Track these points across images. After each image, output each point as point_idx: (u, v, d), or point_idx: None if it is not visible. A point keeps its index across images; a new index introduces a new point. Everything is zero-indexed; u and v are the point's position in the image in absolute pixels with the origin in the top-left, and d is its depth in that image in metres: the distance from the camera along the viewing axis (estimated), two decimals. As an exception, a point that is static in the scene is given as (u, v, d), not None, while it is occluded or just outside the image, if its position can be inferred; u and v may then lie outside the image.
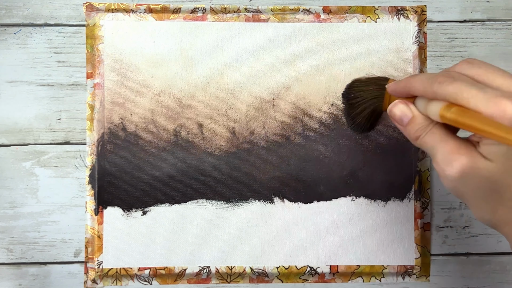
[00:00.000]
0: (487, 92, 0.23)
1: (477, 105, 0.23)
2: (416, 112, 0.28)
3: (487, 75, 0.25)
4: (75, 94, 0.41)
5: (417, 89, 0.27)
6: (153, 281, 0.39)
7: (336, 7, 0.41)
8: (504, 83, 0.24)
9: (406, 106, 0.28)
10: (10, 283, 0.40)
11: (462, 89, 0.24)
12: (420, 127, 0.27)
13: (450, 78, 0.25)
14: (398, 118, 0.29)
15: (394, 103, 0.29)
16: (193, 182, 0.40)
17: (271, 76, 0.40)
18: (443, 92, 0.25)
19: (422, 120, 0.27)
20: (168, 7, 0.40)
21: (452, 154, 0.24)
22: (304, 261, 0.40)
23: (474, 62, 0.26)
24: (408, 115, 0.28)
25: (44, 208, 0.40)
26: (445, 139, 0.26)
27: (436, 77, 0.25)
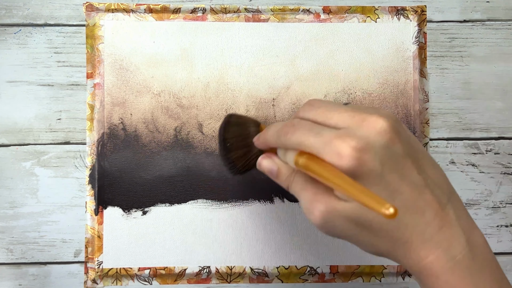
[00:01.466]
0: (323, 136, 0.23)
1: (319, 152, 0.23)
2: (280, 164, 0.28)
3: (325, 114, 0.24)
4: (75, 94, 0.41)
5: (271, 143, 0.27)
6: (153, 281, 0.39)
7: (336, 7, 0.41)
8: (339, 119, 0.24)
9: (270, 159, 0.28)
10: (10, 283, 0.40)
11: (303, 137, 0.24)
12: (286, 177, 0.27)
13: (292, 127, 0.25)
14: (268, 172, 0.29)
15: (261, 157, 0.29)
16: (193, 182, 0.40)
17: (271, 76, 0.40)
18: (290, 144, 0.25)
19: (286, 171, 0.27)
20: (168, 7, 0.40)
21: (311, 202, 0.24)
22: (304, 261, 0.40)
23: (315, 103, 0.26)
24: (274, 168, 0.28)
25: (44, 208, 0.40)
26: (304, 187, 0.25)
27: (282, 128, 0.26)
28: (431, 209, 0.23)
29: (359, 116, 0.23)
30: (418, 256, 0.23)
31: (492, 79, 0.42)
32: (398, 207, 0.23)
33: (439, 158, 0.41)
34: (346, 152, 0.22)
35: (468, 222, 0.25)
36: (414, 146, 0.25)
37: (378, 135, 0.22)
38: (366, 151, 0.22)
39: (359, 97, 0.40)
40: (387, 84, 0.40)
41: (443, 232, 0.23)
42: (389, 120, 0.23)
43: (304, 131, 0.24)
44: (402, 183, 0.23)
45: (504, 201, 0.41)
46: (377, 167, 0.22)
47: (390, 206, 0.19)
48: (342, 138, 0.22)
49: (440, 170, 0.26)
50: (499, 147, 0.42)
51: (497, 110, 0.42)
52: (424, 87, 0.41)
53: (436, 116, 0.42)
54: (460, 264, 0.23)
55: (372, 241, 0.24)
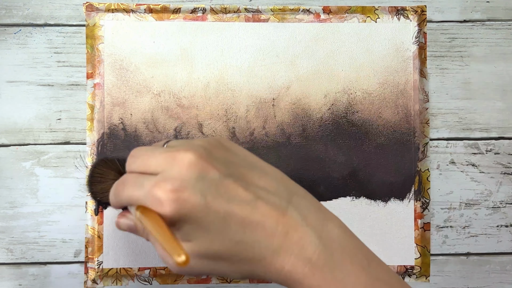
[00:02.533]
0: (144, 187, 0.23)
1: (146, 205, 0.23)
2: (134, 220, 0.27)
3: (145, 163, 0.24)
4: (75, 94, 0.41)
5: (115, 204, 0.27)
6: (153, 281, 0.39)
7: (336, 7, 0.41)
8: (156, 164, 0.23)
9: (125, 218, 0.27)
10: (10, 283, 0.40)
11: (130, 193, 0.23)
12: (142, 231, 0.27)
13: (122, 185, 0.24)
14: (128, 230, 0.28)
15: (117, 219, 0.28)
16: (193, 182, 0.40)
17: (271, 76, 0.40)
18: (124, 202, 0.24)
19: (140, 225, 0.27)
20: (168, 7, 0.40)
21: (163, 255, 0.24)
22: (304, 261, 0.40)
23: (135, 154, 0.25)
24: (131, 224, 0.27)
25: (44, 208, 0.40)
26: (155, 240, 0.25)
27: (115, 187, 0.25)
28: (270, 219, 0.23)
29: (170, 156, 0.23)
30: (276, 269, 0.23)
31: (492, 79, 0.42)
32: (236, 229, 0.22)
33: (439, 158, 0.41)
34: (165, 197, 0.22)
35: (317, 218, 0.24)
36: (236, 163, 0.24)
37: (189, 169, 0.22)
38: (182, 190, 0.22)
39: (359, 97, 0.40)
40: (387, 84, 0.40)
41: (290, 237, 0.23)
42: (196, 150, 0.23)
43: (130, 186, 0.24)
44: (231, 205, 0.22)
45: (504, 201, 0.41)
46: (199, 200, 0.22)
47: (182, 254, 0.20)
48: (158, 185, 0.22)
49: (274, 176, 0.25)
50: (499, 147, 0.42)
51: (497, 110, 0.42)
52: (424, 87, 0.41)
53: (436, 116, 0.42)
54: (318, 264, 0.23)
55: (232, 269, 0.24)
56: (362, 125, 0.40)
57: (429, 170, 0.41)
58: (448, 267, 0.41)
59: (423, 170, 0.40)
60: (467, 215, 0.41)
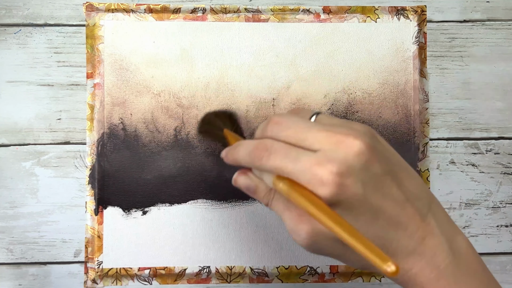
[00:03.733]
0: (301, 161, 0.22)
1: (299, 179, 0.22)
2: (256, 181, 0.27)
3: (298, 135, 0.24)
4: (75, 94, 0.41)
5: (244, 164, 0.26)
6: (153, 281, 0.39)
7: (336, 7, 0.41)
8: (314, 140, 0.23)
9: (245, 176, 0.27)
10: (10, 283, 0.40)
11: (280, 165, 0.23)
12: (264, 195, 0.27)
13: (266, 151, 0.24)
14: (245, 189, 0.28)
15: (236, 174, 0.28)
16: (193, 182, 0.40)
17: (271, 76, 0.40)
18: (266, 169, 0.24)
19: (264, 187, 0.27)
20: (168, 7, 0.40)
21: (296, 224, 0.24)
22: (304, 261, 0.40)
23: (282, 122, 0.25)
24: (251, 185, 0.27)
25: (44, 208, 0.40)
26: (287, 207, 0.25)
27: (254, 151, 0.25)
28: (413, 222, 0.23)
29: (335, 137, 0.23)
30: (403, 269, 0.24)
31: (492, 79, 0.42)
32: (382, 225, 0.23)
33: (439, 158, 0.41)
34: (328, 178, 0.21)
35: (450, 229, 0.25)
36: (392, 160, 0.24)
37: (356, 157, 0.22)
38: (347, 176, 0.22)
39: (359, 97, 0.40)
40: (387, 84, 0.40)
41: (426, 242, 0.24)
42: (365, 139, 0.23)
43: (279, 156, 0.23)
44: (384, 201, 0.23)
45: (504, 201, 0.41)
46: (360, 190, 0.22)
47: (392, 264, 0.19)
48: (322, 164, 0.22)
49: (418, 180, 0.26)
50: (499, 147, 0.42)
51: (497, 110, 0.42)
52: (424, 87, 0.41)
53: (436, 116, 0.42)
54: (444, 273, 0.23)
55: (358, 258, 0.24)
56: (362, 125, 0.40)
57: (429, 170, 0.41)
58: (448, 267, 0.41)
59: (423, 170, 0.40)
60: (467, 215, 0.41)
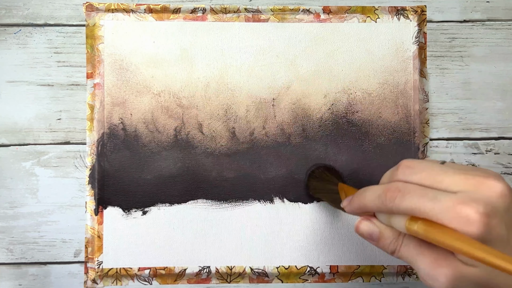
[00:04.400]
0: (442, 201, 0.22)
1: (438, 219, 0.22)
2: (382, 227, 0.26)
3: (433, 178, 0.23)
4: (75, 94, 0.41)
5: (371, 208, 0.26)
6: (153, 281, 0.39)
7: (336, 7, 0.41)
8: (451, 183, 0.23)
9: (369, 223, 0.27)
10: (10, 283, 0.40)
11: (416, 205, 0.23)
12: (391, 241, 0.26)
13: (398, 192, 0.24)
14: (368, 236, 0.27)
15: (359, 221, 0.28)
16: (193, 182, 0.40)
17: (271, 76, 0.40)
18: (398, 210, 0.24)
19: (391, 234, 0.26)
20: (168, 7, 0.40)
21: (433, 268, 0.23)
22: (304, 261, 0.40)
23: (414, 166, 0.24)
24: (375, 231, 0.27)
25: (44, 208, 0.40)
26: (420, 252, 0.24)
27: (384, 193, 0.24)
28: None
29: (474, 179, 0.22)
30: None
31: (492, 79, 0.42)
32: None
33: (439, 158, 0.41)
34: (475, 217, 0.21)
35: None
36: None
37: (500, 198, 0.22)
38: (493, 216, 0.21)
39: (359, 97, 0.40)
40: (387, 84, 0.40)
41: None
42: (504, 182, 0.22)
43: (415, 195, 0.23)
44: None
45: (504, 201, 0.41)
46: (504, 232, 0.22)
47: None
48: (467, 203, 0.21)
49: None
50: (499, 147, 0.42)
51: (497, 110, 0.42)
52: (424, 87, 0.41)
53: (436, 116, 0.42)
54: None
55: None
56: (362, 125, 0.40)
57: (429, 170, 0.41)
58: (448, 267, 0.41)
59: (423, 170, 0.40)
60: (467, 215, 0.41)
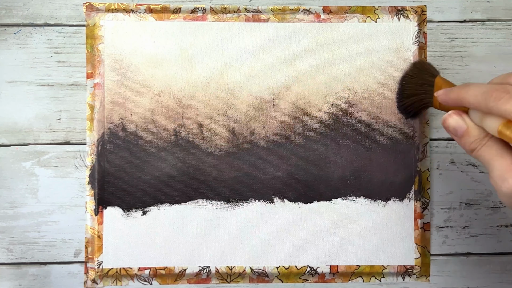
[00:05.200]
0: None
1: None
2: (471, 124, 0.27)
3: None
4: (75, 94, 0.41)
5: (470, 103, 0.26)
6: (153, 281, 0.39)
7: (336, 7, 0.41)
8: None
9: (460, 118, 0.27)
10: (10, 283, 0.40)
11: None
12: (475, 140, 0.27)
13: (506, 94, 0.24)
14: (453, 129, 0.28)
15: (449, 114, 0.28)
16: (193, 182, 0.40)
17: (271, 76, 0.40)
18: (500, 110, 0.24)
19: (477, 133, 0.27)
20: (168, 7, 0.40)
21: (508, 171, 0.24)
22: (304, 261, 0.40)
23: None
24: (462, 127, 0.27)
25: (44, 208, 0.40)
26: (500, 154, 0.25)
27: (491, 91, 0.24)
28: None
29: None
30: None
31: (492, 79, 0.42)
32: None
33: (439, 158, 0.41)
34: None
35: None
36: None
37: None
38: None
39: (359, 97, 0.40)
40: (387, 84, 0.40)
41: None
42: None
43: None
44: None
45: (504, 201, 0.41)
46: None
47: None
48: None
49: None
50: (499, 147, 0.42)
51: (497, 110, 0.42)
52: (424, 87, 0.41)
53: (436, 116, 0.42)
54: None
55: None
56: (362, 125, 0.40)
57: (429, 170, 0.41)
58: (448, 267, 0.41)
59: (423, 170, 0.40)
60: (467, 215, 0.41)
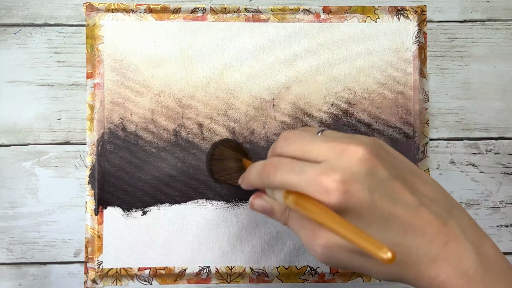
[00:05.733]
0: (306, 173, 0.22)
1: (304, 191, 0.22)
2: (271, 202, 0.27)
3: (303, 148, 0.24)
4: (75, 94, 0.41)
5: (256, 185, 0.27)
6: (153, 281, 0.39)
7: (336, 7, 0.41)
8: (318, 152, 0.23)
9: (261, 199, 0.28)
10: (10, 283, 0.40)
11: (286, 179, 0.23)
12: (281, 215, 0.27)
13: (273, 167, 0.24)
14: (262, 211, 0.28)
15: (251, 198, 0.29)
16: (193, 182, 0.40)
17: (271, 76, 0.40)
18: (274, 185, 0.24)
19: (279, 208, 0.27)
20: (168, 7, 0.40)
21: (311, 239, 0.24)
22: (304, 261, 0.40)
23: (289, 137, 0.25)
24: (267, 207, 0.27)
25: (44, 208, 0.40)
26: (302, 224, 0.25)
27: (263, 169, 0.25)
28: (432, 226, 0.23)
29: (337, 146, 0.23)
30: (429, 277, 0.23)
31: (492, 79, 0.42)
32: (397, 232, 0.22)
33: (439, 158, 0.41)
34: (333, 187, 0.21)
35: (476, 234, 0.24)
36: (400, 167, 0.24)
37: (359, 164, 0.22)
38: (352, 183, 0.21)
39: (359, 97, 0.40)
40: (387, 84, 0.40)
41: (449, 248, 0.23)
42: (367, 146, 0.23)
43: (285, 170, 0.24)
44: (396, 207, 0.22)
45: (504, 201, 0.41)
46: (367, 196, 0.22)
47: (388, 251, 0.19)
48: (326, 173, 0.22)
49: (435, 185, 0.25)
50: (499, 147, 0.42)
51: (497, 110, 0.42)
52: (424, 87, 0.41)
53: (436, 116, 0.42)
54: (473, 279, 0.22)
55: (380, 269, 0.24)
56: (362, 125, 0.40)
57: (429, 170, 0.41)
58: (448, 267, 0.41)
59: (423, 170, 0.40)
60: (467, 215, 0.41)
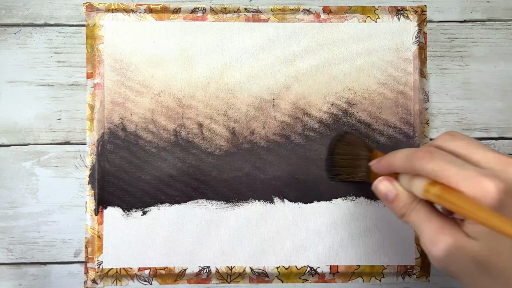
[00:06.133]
0: (468, 170, 0.22)
1: (458, 184, 0.22)
2: (400, 189, 0.27)
3: (468, 149, 0.24)
4: (75, 94, 0.41)
5: (397, 166, 0.27)
6: (153, 281, 0.39)
7: (336, 7, 0.41)
8: (484, 158, 0.23)
9: (390, 183, 0.28)
10: (10, 283, 0.40)
11: (442, 167, 0.23)
12: (404, 205, 0.27)
13: (429, 154, 0.24)
14: (383, 195, 0.28)
15: (379, 179, 0.29)
16: (193, 182, 0.40)
17: (271, 76, 0.40)
18: (423, 169, 0.24)
19: (406, 197, 0.27)
20: (168, 7, 0.40)
21: (436, 234, 0.24)
22: (304, 261, 0.40)
23: (456, 135, 0.26)
24: (392, 192, 0.27)
25: (44, 208, 0.40)
26: (429, 218, 0.25)
27: (416, 153, 0.25)
28: None
29: (506, 159, 0.23)
30: None
31: (492, 79, 0.42)
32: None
33: (439, 158, 0.41)
34: (493, 191, 0.21)
35: None
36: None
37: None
38: (510, 196, 0.22)
39: (359, 97, 0.40)
40: (387, 84, 0.40)
41: None
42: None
43: (444, 161, 0.23)
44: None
45: (504, 201, 0.41)
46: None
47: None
48: (490, 178, 0.22)
49: None
50: (499, 147, 0.42)
51: (497, 110, 0.42)
52: (424, 87, 0.41)
53: (436, 116, 0.42)
54: None
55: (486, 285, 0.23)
56: (362, 125, 0.40)
57: (429, 170, 0.41)
58: (448, 267, 0.41)
59: (423, 170, 0.40)
60: (467, 215, 0.41)
